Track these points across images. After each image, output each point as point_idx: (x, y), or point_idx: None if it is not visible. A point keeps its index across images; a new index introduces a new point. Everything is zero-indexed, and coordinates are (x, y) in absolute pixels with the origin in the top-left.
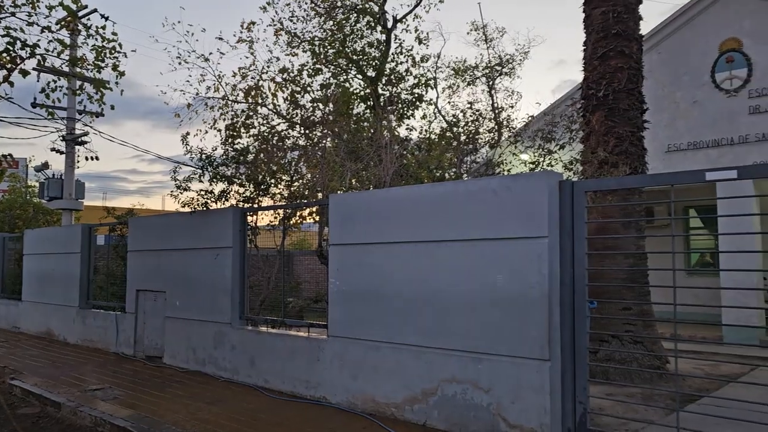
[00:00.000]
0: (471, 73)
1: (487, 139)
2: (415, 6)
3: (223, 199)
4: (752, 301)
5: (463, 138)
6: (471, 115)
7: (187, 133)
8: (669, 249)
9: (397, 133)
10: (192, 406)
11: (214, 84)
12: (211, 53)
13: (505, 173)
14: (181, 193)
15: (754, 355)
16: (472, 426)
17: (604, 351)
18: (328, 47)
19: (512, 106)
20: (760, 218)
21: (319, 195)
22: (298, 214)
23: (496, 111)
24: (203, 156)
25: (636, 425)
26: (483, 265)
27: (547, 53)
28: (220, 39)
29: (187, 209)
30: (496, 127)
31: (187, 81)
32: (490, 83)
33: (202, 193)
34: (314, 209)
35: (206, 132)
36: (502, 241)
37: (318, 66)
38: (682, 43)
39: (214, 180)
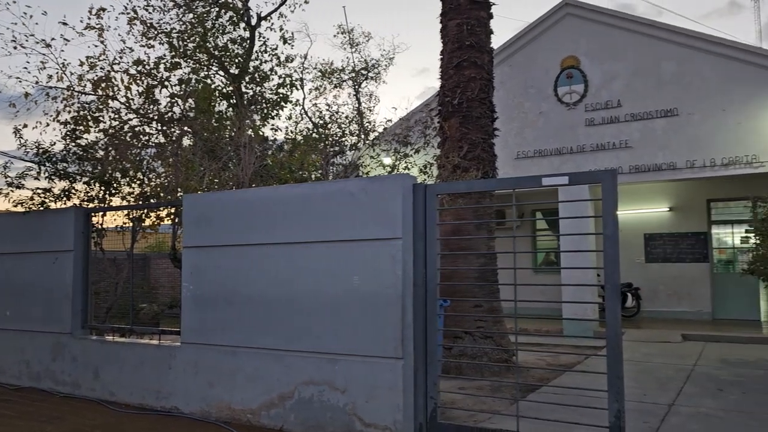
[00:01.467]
0: (338, 76)
1: (352, 141)
2: (280, 5)
3: (65, 199)
4: (588, 296)
5: (329, 140)
6: (337, 117)
7: (24, 125)
8: (518, 249)
9: (261, 133)
10: (23, 427)
11: (58, 72)
12: (53, 39)
13: (365, 176)
14: (13, 191)
15: (588, 345)
16: (329, 427)
17: (457, 347)
18: (188, 41)
19: (371, 110)
20: (595, 220)
21: (180, 195)
22: (154, 215)
23: (362, 114)
24: (40, 151)
25: (483, 416)
26: (341, 267)
27: (412, 60)
28: (65, 24)
29: (20, 209)
30: (361, 129)
31: (25, 68)
32: (357, 87)
33: (40, 191)
34: (173, 210)
35: (47, 125)
36: (359, 242)
37: (176, 60)
38: (530, 58)
39: (54, 177)
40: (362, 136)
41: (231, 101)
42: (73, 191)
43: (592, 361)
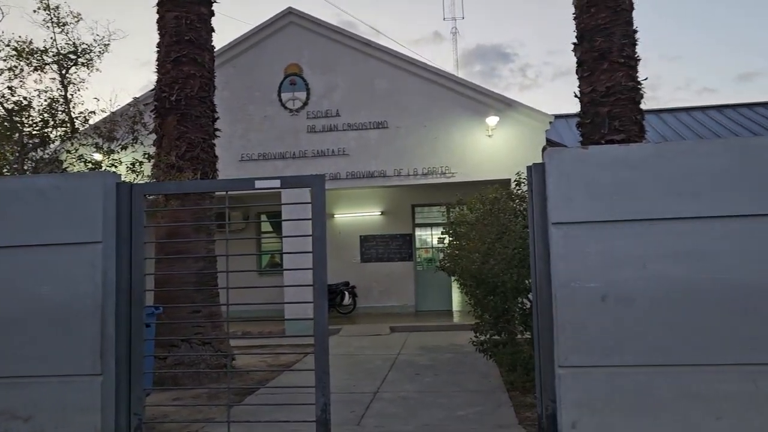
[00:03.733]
0: (39, 58)
1: (58, 133)
2: None
3: None
4: (308, 296)
5: (27, 130)
6: (39, 104)
7: None
8: (243, 252)
9: None
10: None
11: None
12: None
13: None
14: None
15: (308, 343)
16: None
17: (173, 356)
18: None
19: (68, 100)
20: (315, 222)
21: None
22: None
23: (69, 104)
24: None
25: (197, 425)
26: (27, 276)
27: (134, 51)
28: None
29: None
30: (67, 121)
31: None
32: (63, 72)
33: None
34: None
35: None
36: (50, 247)
37: None
38: (255, 62)
39: None
40: (72, 129)
41: None
42: None
43: (310, 359)
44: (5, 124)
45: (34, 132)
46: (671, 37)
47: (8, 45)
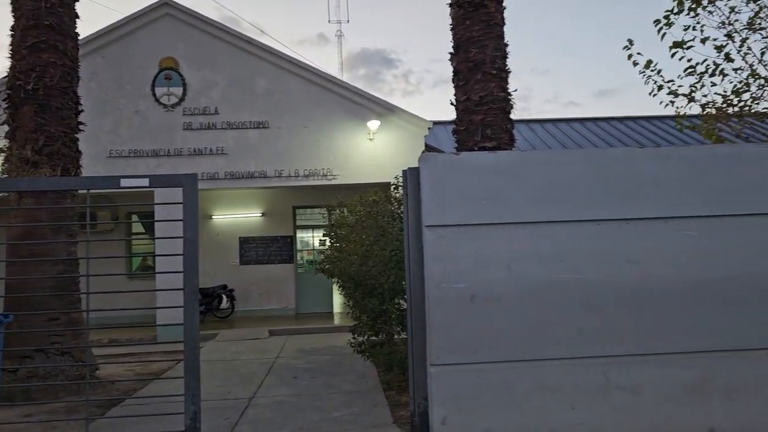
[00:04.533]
0: None
1: None
2: None
3: None
4: (180, 300)
5: None
6: None
7: None
8: (112, 254)
9: None
10: None
11: None
12: None
13: None
14: None
15: (180, 350)
16: None
17: (26, 368)
18: None
19: None
20: (187, 224)
21: None
22: None
23: None
24: None
25: None
26: None
27: None
28: None
29: None
30: None
31: None
32: None
33: None
34: None
35: None
36: None
37: None
38: (127, 53)
39: None
40: None
41: None
42: None
43: (183, 365)
44: None
45: None
46: (542, 52)
47: None
